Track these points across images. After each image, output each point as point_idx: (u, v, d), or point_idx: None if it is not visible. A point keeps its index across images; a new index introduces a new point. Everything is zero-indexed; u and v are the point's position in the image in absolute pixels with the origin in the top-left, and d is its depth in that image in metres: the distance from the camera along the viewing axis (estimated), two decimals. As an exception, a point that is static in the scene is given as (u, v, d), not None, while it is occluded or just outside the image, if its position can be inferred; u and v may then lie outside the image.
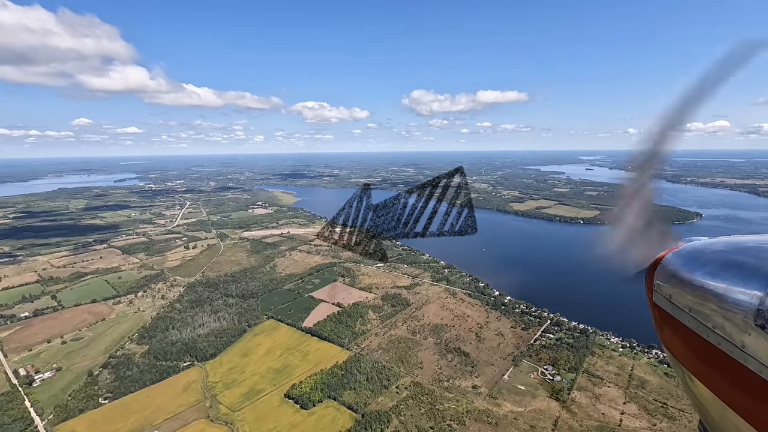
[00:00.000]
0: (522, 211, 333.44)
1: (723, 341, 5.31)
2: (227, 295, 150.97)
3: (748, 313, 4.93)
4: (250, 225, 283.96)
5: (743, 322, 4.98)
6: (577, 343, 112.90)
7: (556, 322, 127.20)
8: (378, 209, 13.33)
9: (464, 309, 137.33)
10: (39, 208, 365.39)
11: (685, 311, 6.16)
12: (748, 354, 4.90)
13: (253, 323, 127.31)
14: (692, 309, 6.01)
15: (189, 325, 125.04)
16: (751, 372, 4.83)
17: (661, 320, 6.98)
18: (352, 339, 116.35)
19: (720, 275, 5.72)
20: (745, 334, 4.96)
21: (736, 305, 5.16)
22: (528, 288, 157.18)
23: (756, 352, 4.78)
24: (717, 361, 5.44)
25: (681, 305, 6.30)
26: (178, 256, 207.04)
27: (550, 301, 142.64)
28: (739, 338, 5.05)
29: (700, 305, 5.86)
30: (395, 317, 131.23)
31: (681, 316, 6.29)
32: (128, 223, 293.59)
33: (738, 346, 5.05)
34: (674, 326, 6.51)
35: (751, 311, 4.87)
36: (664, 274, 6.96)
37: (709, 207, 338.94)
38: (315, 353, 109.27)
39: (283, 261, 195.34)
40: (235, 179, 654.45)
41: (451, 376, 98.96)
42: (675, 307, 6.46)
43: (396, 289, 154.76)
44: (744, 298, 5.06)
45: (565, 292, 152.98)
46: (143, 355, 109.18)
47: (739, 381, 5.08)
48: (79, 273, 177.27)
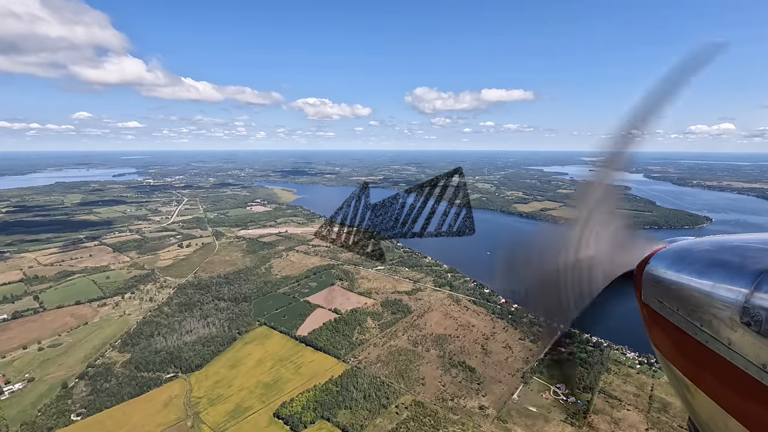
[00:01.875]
0: (527, 213, 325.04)
1: (710, 339, 5.34)
2: (219, 298, 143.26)
3: (734, 311, 4.92)
4: (248, 223, 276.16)
5: (729, 320, 4.99)
6: (590, 359, 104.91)
7: (567, 334, 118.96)
8: (376, 209, 13.47)
9: (469, 318, 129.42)
10: (33, 202, 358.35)
11: (674, 310, 6.18)
12: (734, 351, 4.92)
13: (245, 330, 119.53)
14: (680, 307, 6.03)
15: (176, 331, 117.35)
16: (738, 369, 4.85)
17: (649, 319, 6.97)
18: (349, 350, 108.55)
19: (707, 273, 5.72)
20: (731, 331, 4.97)
21: (723, 303, 5.15)
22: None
23: (742, 349, 4.80)
24: (705, 359, 5.45)
25: (669, 304, 6.32)
26: (170, 255, 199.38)
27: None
28: (725, 335, 5.06)
29: (687, 304, 5.88)
30: (395, 326, 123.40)
31: (669, 314, 6.31)
32: (122, 220, 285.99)
33: (725, 343, 5.06)
34: (663, 325, 6.52)
35: (737, 308, 4.86)
36: (653, 273, 6.90)
37: (718, 211, 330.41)
38: (309, 365, 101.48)
39: (279, 262, 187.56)
40: (235, 175, 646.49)
41: (456, 394, 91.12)
42: (663, 306, 6.47)
43: (397, 295, 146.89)
44: (730, 296, 5.04)
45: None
46: (124, 365, 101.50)
47: (727, 378, 5.10)
48: (65, 272, 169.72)
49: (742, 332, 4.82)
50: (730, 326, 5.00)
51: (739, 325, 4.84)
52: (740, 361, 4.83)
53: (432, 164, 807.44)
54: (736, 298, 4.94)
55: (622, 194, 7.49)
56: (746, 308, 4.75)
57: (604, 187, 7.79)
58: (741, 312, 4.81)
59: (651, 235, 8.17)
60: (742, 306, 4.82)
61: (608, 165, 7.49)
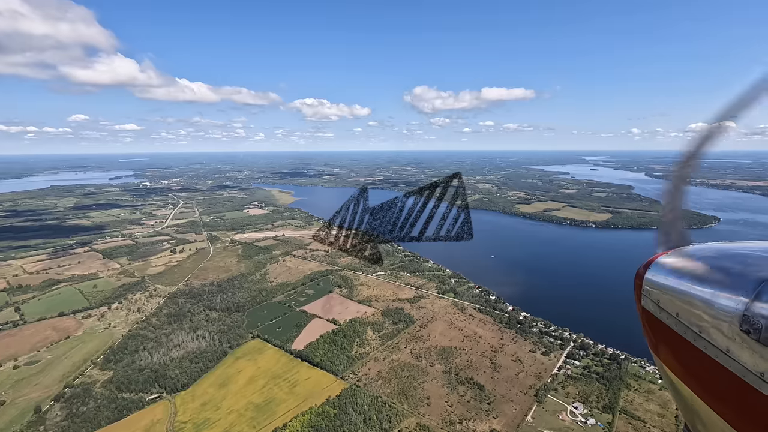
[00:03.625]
0: (530, 214, 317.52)
1: (709, 346, 5.31)
2: (210, 308, 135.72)
3: (733, 319, 4.88)
4: (244, 227, 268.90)
5: (729, 328, 4.95)
6: (608, 373, 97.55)
7: (581, 345, 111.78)
8: (375, 212, 13.23)
9: (475, 327, 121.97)
10: (26, 206, 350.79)
11: (673, 316, 6.18)
12: (733, 359, 4.88)
13: (236, 344, 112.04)
14: (679, 314, 6.03)
15: (163, 345, 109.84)
16: (735, 377, 4.82)
17: (648, 325, 7.02)
18: (348, 365, 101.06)
19: (707, 281, 5.70)
20: (730, 339, 4.94)
21: (722, 310, 5.12)
22: (544, 302, 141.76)
23: (741, 357, 4.76)
24: (703, 366, 5.43)
25: (668, 310, 6.32)
26: (162, 261, 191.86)
27: (570, 318, 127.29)
28: (724, 343, 5.03)
29: (686, 310, 5.87)
30: (397, 337, 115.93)
31: (668, 320, 6.31)
32: (116, 224, 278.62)
33: (723, 350, 5.04)
34: (662, 331, 6.51)
35: (737, 317, 4.82)
36: (653, 278, 6.95)
37: (726, 210, 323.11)
38: (304, 384, 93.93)
39: (275, 268, 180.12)
40: (233, 177, 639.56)
41: (464, 415, 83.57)
42: (663, 312, 6.48)
43: (398, 303, 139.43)
44: (730, 304, 5.00)
45: (586, 308, 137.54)
46: (105, 384, 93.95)
47: (724, 385, 5.06)
48: (51, 280, 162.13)
49: (741, 340, 4.75)
50: (729, 334, 4.94)
51: (738, 334, 4.77)
52: (738, 369, 4.77)
53: (432, 165, 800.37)
54: (735, 306, 4.86)
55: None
56: (746, 316, 4.67)
57: (680, 186, 7.74)
58: (740, 320, 4.73)
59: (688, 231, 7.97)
60: (741, 314, 4.74)
61: (686, 165, 7.29)
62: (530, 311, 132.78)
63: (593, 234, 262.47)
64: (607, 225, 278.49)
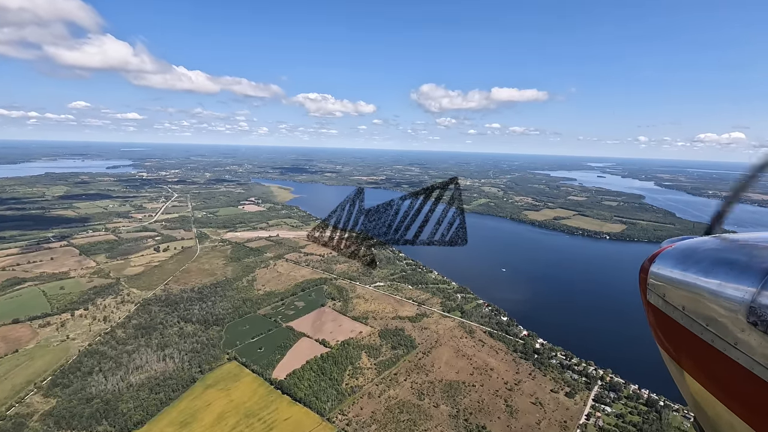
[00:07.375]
0: (540, 222, 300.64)
1: (716, 338, 5.23)
2: (186, 319, 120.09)
3: (740, 310, 4.82)
4: (237, 224, 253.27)
5: (735, 319, 4.89)
6: (646, 426, 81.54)
7: (610, 384, 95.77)
8: (370, 214, 13.06)
9: (486, 357, 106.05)
10: (12, 194, 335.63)
11: (679, 309, 6.08)
12: (740, 351, 4.82)
13: (208, 368, 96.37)
14: (685, 307, 5.94)
15: (122, 367, 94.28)
16: (743, 369, 4.75)
17: (654, 319, 6.89)
18: (337, 402, 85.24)
19: (712, 272, 5.58)
20: (737, 330, 4.87)
21: (729, 302, 5.04)
22: (563, 327, 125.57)
23: (748, 349, 4.71)
24: (710, 359, 5.36)
25: (674, 303, 6.23)
26: (143, 260, 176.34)
27: (594, 349, 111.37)
28: (731, 335, 4.97)
29: (693, 303, 5.78)
30: (396, 366, 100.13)
31: (675, 314, 6.21)
32: (102, 216, 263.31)
33: (731, 343, 4.97)
34: (668, 324, 6.42)
35: (744, 308, 4.76)
36: (658, 272, 6.83)
37: (745, 225, 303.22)
38: (282, 426, 78.13)
39: (265, 273, 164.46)
40: (232, 171, 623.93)
41: (476, 480, 67.78)
42: (669, 305, 6.38)
43: (398, 321, 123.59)
44: (736, 295, 4.93)
45: (611, 337, 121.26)
46: (43, 418, 78.32)
47: (732, 378, 5.00)
48: (15, 279, 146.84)
49: (748, 332, 4.70)
50: (736, 326, 4.88)
51: (745, 325, 4.72)
52: (746, 360, 4.71)
53: (436, 165, 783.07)
54: (743, 297, 4.79)
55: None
56: (753, 308, 4.60)
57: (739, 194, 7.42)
58: (748, 311, 4.68)
59: None
60: (749, 305, 4.68)
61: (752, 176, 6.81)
62: (548, 338, 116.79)
63: (608, 246, 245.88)
64: (622, 237, 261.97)
